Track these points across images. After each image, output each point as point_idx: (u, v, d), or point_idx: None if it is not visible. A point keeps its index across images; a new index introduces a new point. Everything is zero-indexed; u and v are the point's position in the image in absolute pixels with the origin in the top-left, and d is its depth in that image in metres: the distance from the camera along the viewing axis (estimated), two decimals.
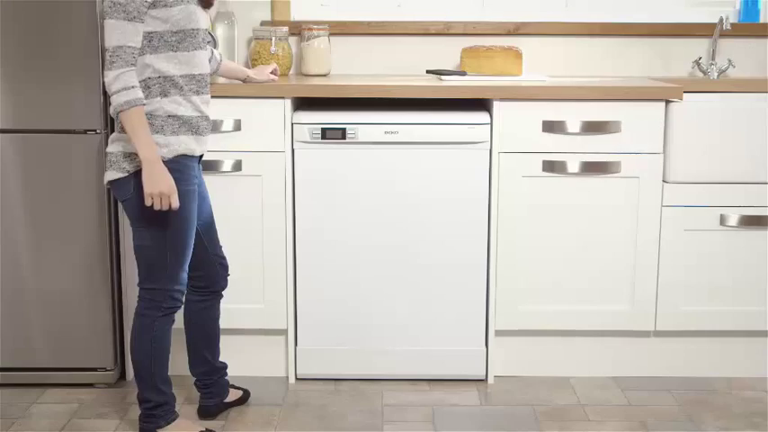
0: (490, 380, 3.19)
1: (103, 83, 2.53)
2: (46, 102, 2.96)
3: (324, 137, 3.04)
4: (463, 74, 3.36)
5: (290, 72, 3.57)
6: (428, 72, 3.48)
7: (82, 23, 2.92)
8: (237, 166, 3.04)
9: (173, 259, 2.61)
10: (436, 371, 3.18)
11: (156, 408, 2.70)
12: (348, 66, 3.65)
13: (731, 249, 3.15)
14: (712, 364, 3.24)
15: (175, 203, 2.51)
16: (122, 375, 3.19)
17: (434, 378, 3.19)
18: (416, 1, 3.71)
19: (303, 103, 3.19)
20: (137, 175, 2.52)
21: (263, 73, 3.11)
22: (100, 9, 2.92)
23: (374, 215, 3.08)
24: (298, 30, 3.56)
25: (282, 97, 3.02)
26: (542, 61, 3.63)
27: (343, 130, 3.02)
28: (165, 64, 2.52)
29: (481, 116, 3.05)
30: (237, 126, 3.03)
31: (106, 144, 3.01)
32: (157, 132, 2.52)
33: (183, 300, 2.71)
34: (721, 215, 3.12)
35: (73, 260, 3.05)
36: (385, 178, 3.07)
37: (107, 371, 3.12)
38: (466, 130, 3.04)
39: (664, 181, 3.10)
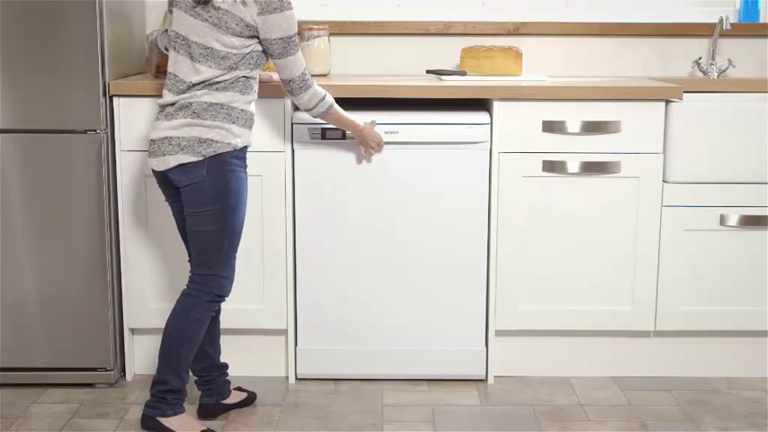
0: (490, 380, 3.19)
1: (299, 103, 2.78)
2: (46, 102, 2.96)
3: (324, 137, 3.04)
4: (463, 74, 3.36)
5: None
6: (428, 72, 3.48)
7: (82, 23, 2.92)
8: None
9: (228, 245, 2.71)
10: (436, 371, 3.18)
11: (169, 393, 2.71)
12: (348, 66, 3.65)
13: (731, 249, 3.15)
14: (712, 364, 3.24)
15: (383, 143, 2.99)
16: (122, 375, 3.19)
17: (434, 378, 3.19)
18: (416, 1, 3.71)
19: None
20: (210, 159, 2.62)
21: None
22: (100, 9, 2.93)
23: (374, 215, 3.08)
24: (298, 30, 3.55)
25: (282, 97, 3.02)
26: (542, 61, 3.63)
27: (344, 130, 3.02)
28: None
29: (481, 116, 3.05)
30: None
31: (110, 143, 3.03)
32: (233, 123, 2.65)
33: (231, 290, 2.77)
34: (721, 215, 3.12)
35: (73, 260, 3.05)
36: (385, 178, 3.07)
37: (107, 371, 3.12)
38: (466, 130, 3.04)
39: (664, 181, 3.10)
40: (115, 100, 3.03)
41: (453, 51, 3.58)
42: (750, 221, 3.12)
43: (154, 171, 2.71)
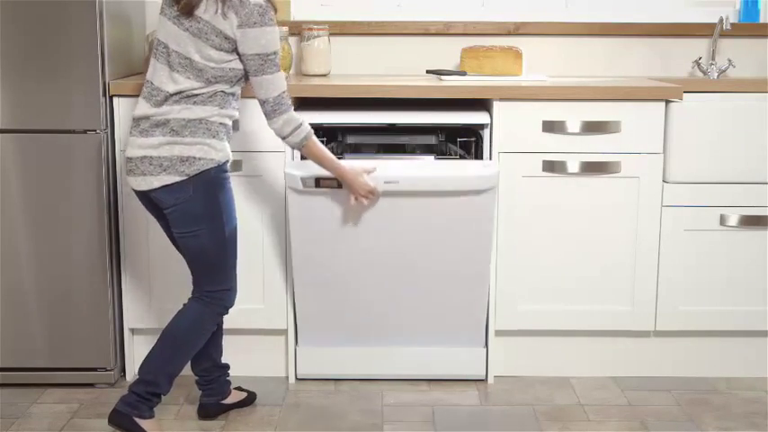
0: (490, 380, 3.19)
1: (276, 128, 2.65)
2: (46, 102, 2.97)
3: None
4: (463, 74, 3.36)
5: (291, 72, 3.57)
6: (428, 72, 3.48)
7: (82, 23, 2.92)
8: (237, 166, 3.03)
9: (231, 257, 2.71)
10: (436, 371, 3.18)
11: (155, 396, 2.69)
12: (348, 66, 3.65)
13: (731, 249, 3.15)
14: (712, 364, 3.25)
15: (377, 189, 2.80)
16: (122, 375, 3.20)
17: (434, 378, 3.19)
18: (416, 1, 3.71)
19: (303, 103, 3.19)
20: (195, 177, 2.58)
21: None
22: (100, 10, 2.93)
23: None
24: (298, 30, 3.56)
25: None
26: (542, 61, 3.63)
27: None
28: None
29: (481, 116, 3.05)
30: (236, 126, 3.02)
31: (110, 143, 3.03)
32: (214, 137, 2.59)
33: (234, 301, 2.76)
34: (721, 215, 3.12)
35: (73, 260, 3.05)
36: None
37: (107, 371, 3.12)
38: (474, 179, 3.01)
39: (664, 181, 3.10)
40: (115, 100, 3.03)
41: (453, 51, 3.58)
42: (750, 221, 3.12)
43: (135, 190, 2.66)
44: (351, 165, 2.79)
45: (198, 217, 2.62)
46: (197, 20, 2.55)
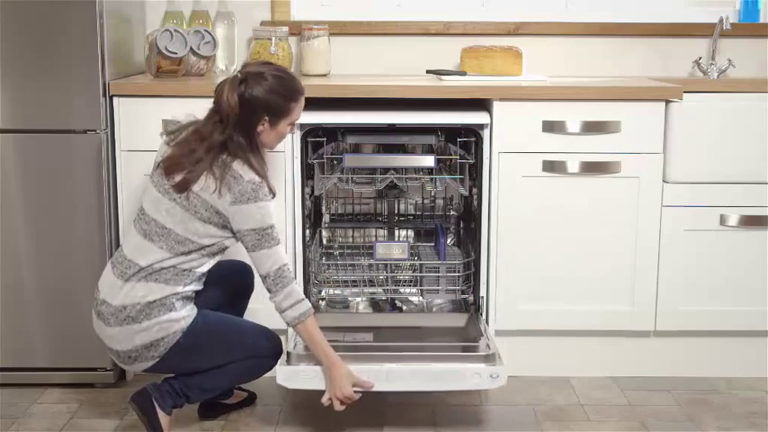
0: None
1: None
2: (46, 102, 2.97)
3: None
4: (463, 74, 3.36)
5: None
6: (428, 72, 3.47)
7: (82, 23, 2.92)
8: None
9: (244, 329, 2.72)
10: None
11: (182, 397, 2.69)
12: (348, 66, 3.65)
13: (731, 249, 3.15)
14: (712, 364, 3.24)
15: (355, 397, 2.65)
16: (122, 375, 3.19)
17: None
18: (416, 1, 3.71)
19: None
20: (168, 350, 2.57)
21: None
22: (100, 9, 2.93)
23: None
24: (298, 30, 3.56)
25: None
26: (542, 61, 3.63)
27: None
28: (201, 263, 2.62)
29: (481, 116, 3.05)
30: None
31: (110, 143, 3.03)
32: (171, 311, 2.56)
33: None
34: (721, 215, 3.12)
35: (73, 260, 3.05)
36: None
37: (107, 371, 3.12)
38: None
39: (664, 181, 3.10)
40: (115, 100, 3.03)
41: (453, 51, 3.57)
42: (750, 221, 3.12)
43: None
44: (343, 366, 2.64)
45: (185, 366, 2.63)
46: (189, 194, 2.52)
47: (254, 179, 2.53)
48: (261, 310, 3.15)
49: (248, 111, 2.53)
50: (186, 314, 2.58)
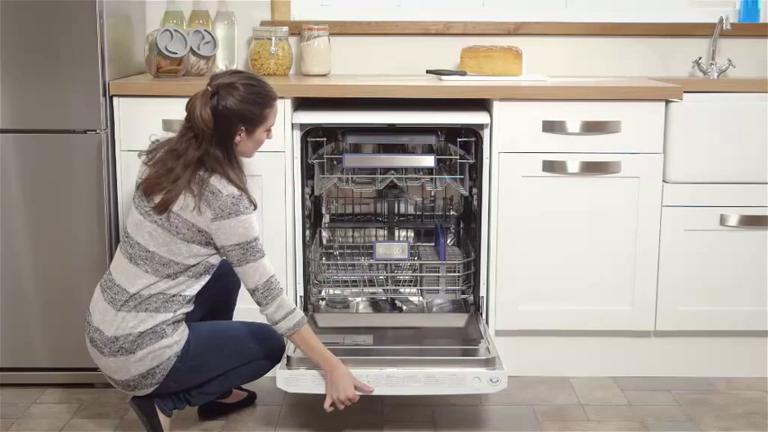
0: None
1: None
2: (46, 102, 2.97)
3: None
4: (463, 74, 3.36)
5: (290, 72, 3.57)
6: (428, 72, 3.48)
7: (82, 23, 2.92)
8: None
9: (244, 337, 2.71)
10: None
11: (182, 401, 2.70)
12: (348, 66, 3.65)
13: (731, 249, 3.15)
14: (712, 364, 3.24)
15: (357, 398, 2.65)
16: None
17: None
18: (416, 1, 3.71)
19: (303, 103, 3.19)
20: (167, 376, 2.57)
21: None
22: (100, 9, 2.93)
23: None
24: (298, 30, 3.56)
25: (282, 97, 3.02)
26: (542, 61, 3.63)
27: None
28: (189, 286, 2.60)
29: (481, 116, 3.05)
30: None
31: (110, 143, 3.03)
32: (163, 338, 2.54)
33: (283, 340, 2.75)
34: (721, 215, 3.12)
35: (73, 260, 3.05)
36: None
37: None
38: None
39: (664, 181, 3.10)
40: (115, 100, 3.03)
41: (453, 51, 3.57)
42: (750, 221, 3.12)
43: None
44: (343, 367, 2.64)
45: (181, 382, 2.63)
46: (169, 214, 2.50)
47: (234, 192, 2.50)
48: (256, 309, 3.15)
49: (224, 123, 2.51)
50: (178, 338, 2.57)
